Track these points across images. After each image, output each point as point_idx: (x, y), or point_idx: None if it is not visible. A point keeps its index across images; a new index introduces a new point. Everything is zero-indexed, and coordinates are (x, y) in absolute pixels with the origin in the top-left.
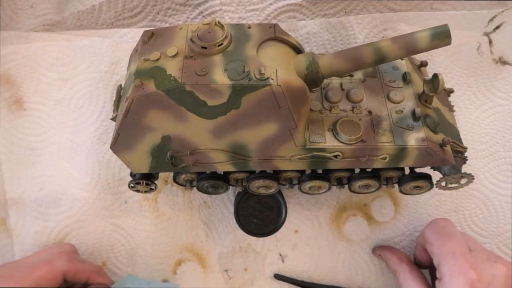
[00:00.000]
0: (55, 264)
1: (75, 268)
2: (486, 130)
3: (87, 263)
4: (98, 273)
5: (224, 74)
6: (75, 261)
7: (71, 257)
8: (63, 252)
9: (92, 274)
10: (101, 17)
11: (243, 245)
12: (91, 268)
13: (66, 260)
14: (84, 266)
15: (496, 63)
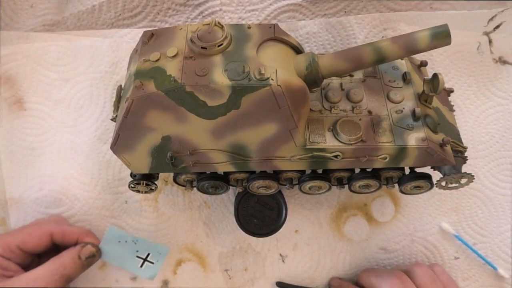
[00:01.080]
0: (43, 225)
1: (62, 230)
2: (486, 129)
3: (75, 227)
4: (86, 234)
5: (224, 74)
6: (62, 224)
7: (59, 221)
8: (52, 218)
9: (80, 235)
10: (101, 17)
11: (243, 245)
12: (79, 230)
13: (53, 223)
14: (72, 229)
15: (496, 63)
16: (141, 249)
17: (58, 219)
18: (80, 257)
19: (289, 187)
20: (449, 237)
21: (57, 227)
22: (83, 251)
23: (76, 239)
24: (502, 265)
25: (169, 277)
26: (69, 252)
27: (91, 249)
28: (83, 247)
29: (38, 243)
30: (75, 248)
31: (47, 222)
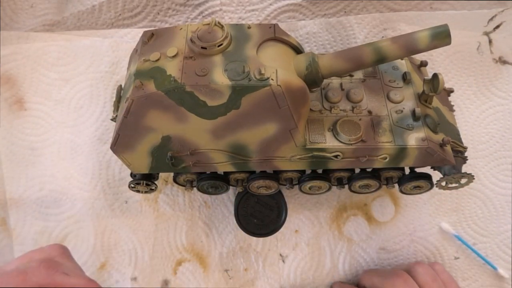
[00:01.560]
0: (29, 277)
1: (55, 282)
2: (486, 129)
3: (74, 276)
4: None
5: (224, 74)
6: (56, 273)
7: (53, 268)
8: (45, 261)
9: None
10: (101, 17)
11: (244, 245)
12: (77, 282)
13: (44, 272)
14: (69, 281)
15: (496, 63)
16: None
17: (53, 259)
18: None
19: (289, 187)
20: (449, 237)
21: (48, 278)
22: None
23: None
24: (502, 265)
25: (169, 277)
26: None
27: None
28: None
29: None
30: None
31: (36, 269)
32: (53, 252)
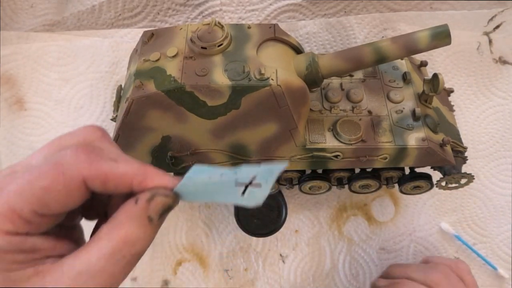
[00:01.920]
0: (67, 168)
1: (101, 172)
2: (486, 129)
3: (123, 162)
4: (145, 174)
5: (224, 74)
6: (101, 160)
7: (94, 153)
8: (81, 147)
9: (136, 178)
10: (101, 17)
11: (244, 246)
12: (130, 169)
13: (85, 160)
14: (118, 167)
15: (496, 63)
16: (243, 176)
17: (92, 143)
18: (151, 217)
19: (289, 187)
20: (449, 237)
21: (91, 167)
22: (153, 207)
23: (130, 184)
24: (502, 265)
25: (169, 277)
26: (130, 215)
27: (165, 201)
28: (151, 200)
29: (68, 200)
30: (138, 206)
31: (74, 157)
32: (89, 136)
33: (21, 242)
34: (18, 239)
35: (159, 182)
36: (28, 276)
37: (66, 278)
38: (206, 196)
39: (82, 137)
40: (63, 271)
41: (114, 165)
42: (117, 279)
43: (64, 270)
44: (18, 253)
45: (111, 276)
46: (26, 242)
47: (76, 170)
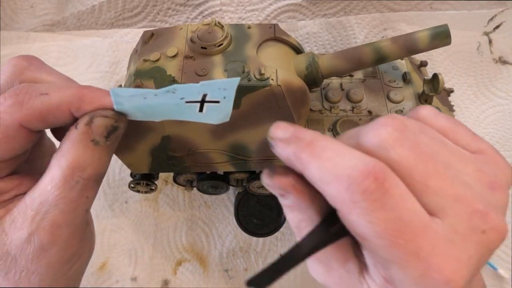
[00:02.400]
0: (1, 117)
1: (34, 110)
2: (486, 130)
3: (55, 91)
4: (81, 98)
5: (224, 74)
6: (30, 99)
7: (22, 94)
8: (9, 93)
9: (72, 105)
10: (101, 17)
11: (244, 245)
12: (63, 97)
13: (14, 104)
14: (50, 99)
15: (496, 63)
16: (188, 94)
17: (18, 87)
18: (96, 140)
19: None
20: None
21: (23, 109)
22: (95, 129)
23: (69, 111)
24: (502, 265)
25: (170, 277)
26: (73, 141)
27: (106, 122)
28: (91, 123)
29: (12, 145)
30: (79, 130)
31: (3, 106)
32: (17, 69)
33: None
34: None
35: (98, 104)
36: (0, 216)
37: (30, 210)
38: (157, 114)
39: (9, 72)
40: (27, 204)
41: (46, 98)
42: (79, 203)
43: (27, 203)
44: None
45: (71, 201)
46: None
47: (9, 116)
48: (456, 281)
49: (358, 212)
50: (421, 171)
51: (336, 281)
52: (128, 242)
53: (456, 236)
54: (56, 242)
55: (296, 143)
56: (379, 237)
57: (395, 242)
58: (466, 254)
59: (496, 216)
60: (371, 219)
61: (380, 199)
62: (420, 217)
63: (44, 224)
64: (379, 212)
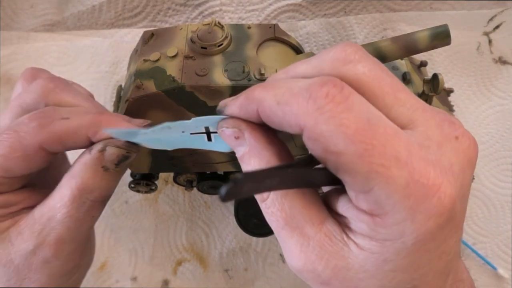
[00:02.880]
0: (23, 137)
1: (54, 134)
2: (486, 130)
3: (76, 116)
4: (98, 124)
5: (224, 74)
6: (52, 122)
7: (46, 117)
8: (34, 114)
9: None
10: (101, 17)
11: (244, 245)
12: (82, 122)
13: (38, 126)
14: (70, 124)
15: (496, 63)
16: (187, 129)
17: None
18: (106, 167)
19: None
20: None
21: (44, 131)
22: (107, 157)
23: (86, 136)
24: (502, 265)
25: (169, 277)
26: (85, 165)
27: (118, 152)
28: (102, 152)
29: (29, 164)
30: (91, 156)
31: (27, 126)
32: (43, 91)
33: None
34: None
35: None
36: (7, 227)
37: (37, 224)
38: (169, 144)
39: (37, 93)
40: (35, 218)
41: (66, 123)
42: (84, 222)
43: (35, 217)
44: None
45: (77, 220)
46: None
47: (31, 137)
48: (445, 185)
49: (325, 117)
50: (389, 83)
51: (318, 253)
52: (128, 242)
53: (431, 142)
54: (59, 256)
55: (245, 93)
56: (351, 141)
57: (370, 144)
58: (446, 160)
59: (460, 126)
60: (339, 121)
61: (344, 102)
62: (389, 123)
63: (50, 239)
64: (346, 113)
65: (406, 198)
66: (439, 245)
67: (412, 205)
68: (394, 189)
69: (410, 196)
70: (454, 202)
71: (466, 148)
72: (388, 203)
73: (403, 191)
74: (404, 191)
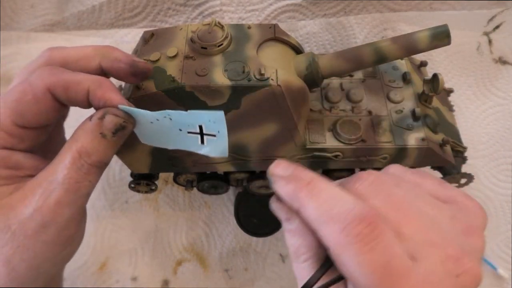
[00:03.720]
0: (33, 82)
1: (62, 79)
2: (486, 129)
3: (81, 73)
4: (99, 84)
5: (224, 74)
6: (61, 71)
7: (56, 68)
8: (46, 66)
9: (91, 85)
10: (101, 18)
11: (244, 245)
12: (87, 77)
13: (48, 72)
14: (77, 75)
15: (495, 63)
16: (183, 124)
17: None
18: (104, 134)
19: None
20: None
21: (53, 77)
22: (106, 125)
23: (87, 90)
24: (502, 265)
25: (169, 277)
26: (84, 131)
27: (116, 120)
28: (102, 119)
29: (39, 108)
30: (92, 122)
31: (39, 72)
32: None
33: (7, 157)
34: (5, 153)
35: (109, 96)
36: (10, 192)
37: (38, 188)
38: (166, 143)
39: (44, 57)
40: (37, 182)
41: (73, 74)
42: (82, 185)
43: (38, 180)
44: (3, 169)
45: (76, 182)
46: (11, 158)
47: (41, 80)
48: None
49: (350, 253)
50: (393, 219)
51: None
52: (128, 242)
53: (433, 278)
54: (56, 221)
55: (295, 182)
56: (366, 278)
57: (381, 283)
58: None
59: (469, 261)
60: (361, 261)
61: (371, 243)
62: (404, 261)
63: (49, 202)
64: (369, 254)
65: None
66: None
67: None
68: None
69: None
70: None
71: (466, 286)
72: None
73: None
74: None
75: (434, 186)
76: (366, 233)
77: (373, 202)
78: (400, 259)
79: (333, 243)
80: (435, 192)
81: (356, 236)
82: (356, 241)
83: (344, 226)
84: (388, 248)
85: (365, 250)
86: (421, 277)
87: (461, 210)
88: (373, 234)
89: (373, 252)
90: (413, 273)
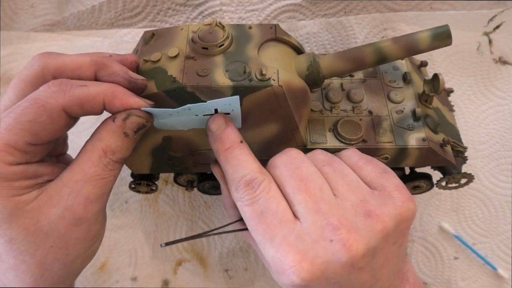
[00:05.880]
0: (46, 102)
1: (75, 97)
2: (486, 130)
3: (92, 84)
4: (113, 93)
5: (225, 74)
6: (72, 88)
7: (64, 84)
8: (52, 82)
9: (106, 97)
10: (101, 17)
11: (244, 245)
12: (99, 89)
13: (58, 91)
14: (89, 90)
15: (496, 63)
16: (199, 111)
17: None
18: (127, 133)
19: None
20: (449, 237)
21: (67, 96)
22: (129, 125)
23: (102, 103)
24: (502, 265)
25: (170, 277)
26: (108, 131)
27: (139, 120)
28: (126, 120)
29: (54, 128)
30: (116, 123)
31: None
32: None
33: (24, 170)
34: (21, 168)
35: (127, 102)
36: (35, 196)
37: (66, 187)
38: (178, 125)
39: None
40: (63, 182)
41: (85, 89)
42: (108, 181)
43: (64, 181)
44: (24, 180)
45: (102, 178)
46: (28, 170)
47: (54, 101)
48: (298, 269)
49: (240, 203)
50: (291, 186)
51: None
52: (128, 242)
53: (308, 237)
54: (87, 217)
55: (218, 143)
56: (248, 223)
57: (257, 226)
58: (312, 253)
59: (348, 234)
60: (244, 211)
61: (251, 199)
62: (279, 215)
63: (79, 199)
64: (250, 206)
65: (273, 264)
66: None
67: (274, 273)
68: (267, 256)
69: (268, 266)
70: (307, 281)
71: (337, 251)
72: (267, 262)
73: (271, 260)
74: (271, 260)
75: (371, 173)
76: (248, 193)
77: (279, 171)
78: (279, 212)
79: (234, 199)
80: (369, 178)
81: (242, 194)
82: (241, 197)
83: (236, 187)
84: (266, 203)
85: (247, 203)
86: (297, 231)
87: (380, 197)
88: (254, 194)
89: (252, 205)
90: (288, 226)
